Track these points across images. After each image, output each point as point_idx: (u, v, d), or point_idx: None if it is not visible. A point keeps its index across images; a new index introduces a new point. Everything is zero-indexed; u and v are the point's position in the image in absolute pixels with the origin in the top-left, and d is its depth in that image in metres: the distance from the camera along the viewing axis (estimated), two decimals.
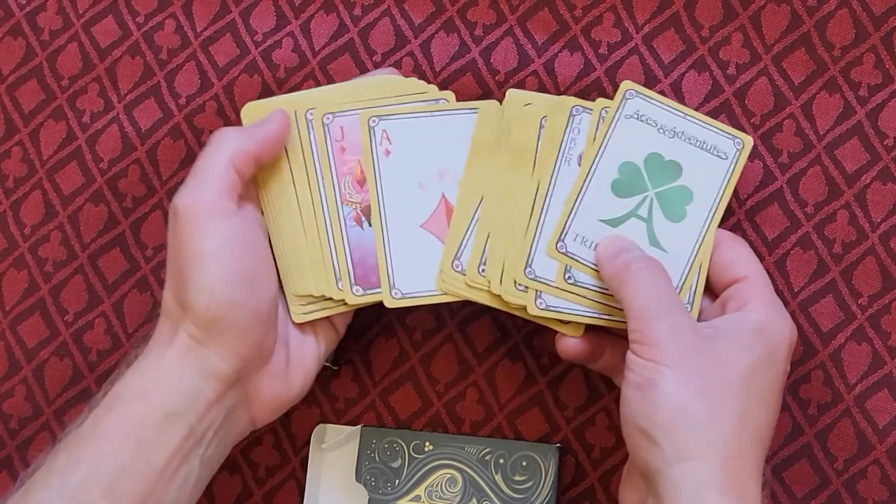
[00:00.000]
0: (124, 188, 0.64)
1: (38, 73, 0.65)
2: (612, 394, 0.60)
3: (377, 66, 0.64)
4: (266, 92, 0.63)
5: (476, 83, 0.63)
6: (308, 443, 0.61)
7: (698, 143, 0.57)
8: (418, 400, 0.61)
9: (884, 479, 0.59)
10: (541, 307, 0.55)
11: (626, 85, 0.57)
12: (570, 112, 0.57)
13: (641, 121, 0.57)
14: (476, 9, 0.64)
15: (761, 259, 0.60)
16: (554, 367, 0.61)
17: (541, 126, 0.57)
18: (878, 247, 0.61)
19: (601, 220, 0.56)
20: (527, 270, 0.55)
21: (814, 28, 0.62)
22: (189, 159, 0.63)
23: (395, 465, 0.58)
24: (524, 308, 0.55)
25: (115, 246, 0.63)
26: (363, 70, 0.63)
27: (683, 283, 0.56)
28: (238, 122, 0.63)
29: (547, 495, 0.58)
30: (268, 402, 0.55)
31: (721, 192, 0.57)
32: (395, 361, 0.62)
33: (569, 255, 0.55)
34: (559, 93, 0.63)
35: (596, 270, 0.55)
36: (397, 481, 0.58)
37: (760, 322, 0.53)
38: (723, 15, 0.63)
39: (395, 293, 0.55)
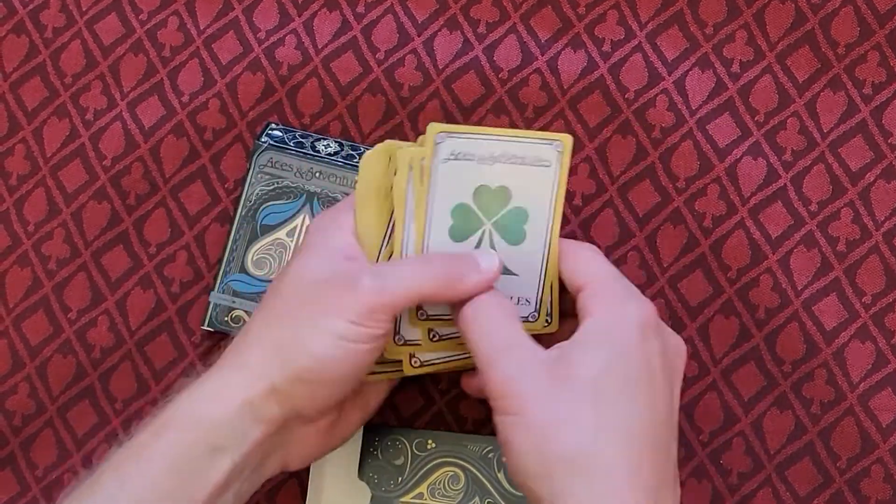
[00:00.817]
0: (127, 185, 0.64)
1: (42, 71, 0.65)
2: None
3: (380, 64, 0.63)
4: (269, 90, 0.63)
5: (479, 81, 0.63)
6: None
7: (518, 159, 0.54)
8: (421, 398, 0.61)
9: (887, 477, 0.59)
10: (415, 366, 0.54)
11: (433, 129, 0.53)
12: (435, 140, 0.53)
13: (459, 159, 0.53)
14: (479, 6, 0.64)
15: (765, 257, 0.61)
16: None
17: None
18: (882, 245, 0.60)
19: None
20: (396, 338, 0.54)
21: (818, 26, 0.62)
22: (192, 157, 0.63)
23: (398, 462, 0.58)
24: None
25: (119, 243, 0.63)
26: (366, 68, 0.63)
27: (540, 299, 0.55)
28: (240, 120, 0.63)
29: None
30: (304, 452, 0.54)
31: (553, 200, 0.55)
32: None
33: (430, 318, 0.54)
34: (562, 91, 0.63)
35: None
36: (400, 479, 0.58)
37: (598, 326, 0.50)
38: (727, 12, 0.63)
39: (415, 362, 0.55)
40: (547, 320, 0.55)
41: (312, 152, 0.61)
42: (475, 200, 0.54)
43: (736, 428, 0.60)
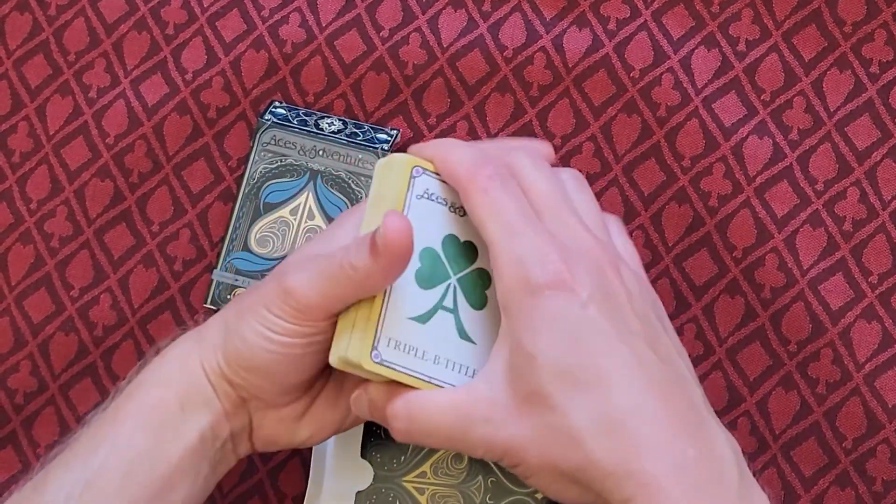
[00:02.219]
0: (130, 163, 0.63)
1: (45, 48, 0.65)
2: None
3: (384, 42, 0.63)
4: (272, 67, 0.63)
5: (484, 59, 0.63)
6: None
7: None
8: None
9: (893, 457, 0.59)
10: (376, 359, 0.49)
11: (410, 162, 0.50)
12: (412, 174, 0.50)
13: (432, 200, 0.50)
14: None
15: (770, 237, 0.60)
16: None
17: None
18: (889, 224, 0.60)
19: (410, 318, 0.49)
20: (373, 353, 0.49)
21: (825, 4, 0.62)
22: (195, 135, 0.63)
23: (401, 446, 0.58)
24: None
25: (122, 221, 0.63)
26: (370, 46, 0.63)
27: None
28: (243, 98, 0.63)
29: None
30: (266, 437, 0.53)
31: None
32: None
33: (385, 364, 0.48)
34: (567, 70, 0.62)
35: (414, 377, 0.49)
36: (403, 458, 0.58)
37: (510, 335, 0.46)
38: None
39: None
40: None
41: (316, 130, 0.61)
42: (443, 249, 0.50)
43: (741, 408, 0.60)
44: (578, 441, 0.44)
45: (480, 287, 0.51)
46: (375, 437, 0.58)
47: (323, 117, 0.62)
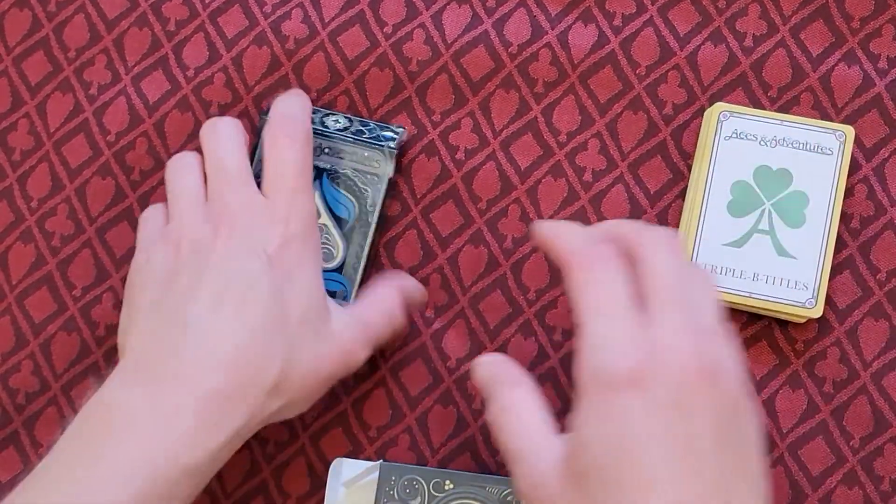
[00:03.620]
0: (132, 161, 0.63)
1: (45, 45, 0.64)
2: None
3: (388, 38, 0.63)
4: (275, 64, 0.63)
5: (489, 55, 0.62)
6: (320, 412, 0.60)
7: (801, 145, 0.58)
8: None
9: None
10: None
11: (717, 108, 0.58)
12: (719, 118, 0.58)
13: (741, 138, 0.58)
14: None
15: None
16: None
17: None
18: None
19: (725, 245, 0.57)
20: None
21: None
22: (197, 132, 0.62)
23: (415, 502, 0.57)
24: None
25: (123, 219, 0.63)
26: (374, 42, 0.63)
27: (819, 286, 0.57)
28: (245, 94, 0.62)
29: None
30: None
31: (835, 188, 0.57)
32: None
33: None
34: (573, 66, 0.62)
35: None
36: None
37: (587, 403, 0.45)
38: None
39: None
40: (811, 300, 0.57)
41: (321, 128, 0.60)
42: (755, 179, 0.57)
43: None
44: None
45: (797, 207, 0.57)
46: (389, 498, 0.57)
47: (328, 115, 0.61)
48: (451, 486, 0.57)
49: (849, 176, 0.60)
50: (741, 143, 0.58)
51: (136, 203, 0.63)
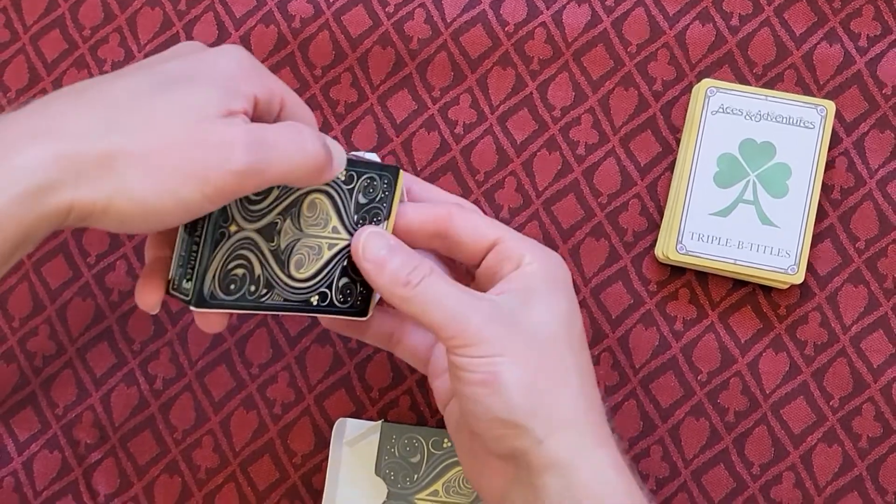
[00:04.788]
0: None
1: (61, 24, 0.67)
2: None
3: (389, 17, 0.65)
4: (281, 42, 0.65)
5: (486, 34, 0.65)
6: (325, 374, 0.63)
7: (784, 119, 0.60)
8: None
9: (878, 416, 0.61)
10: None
11: (705, 84, 0.61)
12: (706, 94, 0.61)
13: (728, 113, 0.61)
14: None
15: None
16: None
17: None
18: (876, 192, 0.62)
19: (711, 214, 0.60)
20: (678, 246, 0.60)
21: None
22: None
23: (415, 460, 0.59)
24: None
25: None
26: (376, 21, 0.65)
27: (801, 253, 0.59)
28: None
29: None
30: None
31: (816, 160, 0.60)
32: None
33: (690, 254, 0.60)
34: (567, 45, 0.65)
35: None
36: (416, 476, 0.59)
37: (542, 272, 0.51)
38: None
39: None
40: (794, 267, 0.60)
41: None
42: (740, 152, 0.60)
43: (733, 368, 0.62)
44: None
45: (780, 178, 0.60)
46: (390, 456, 0.59)
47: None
48: (449, 444, 0.59)
49: (830, 149, 0.63)
50: (727, 118, 0.61)
51: None
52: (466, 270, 0.56)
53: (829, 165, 0.62)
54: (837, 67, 0.63)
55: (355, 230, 0.52)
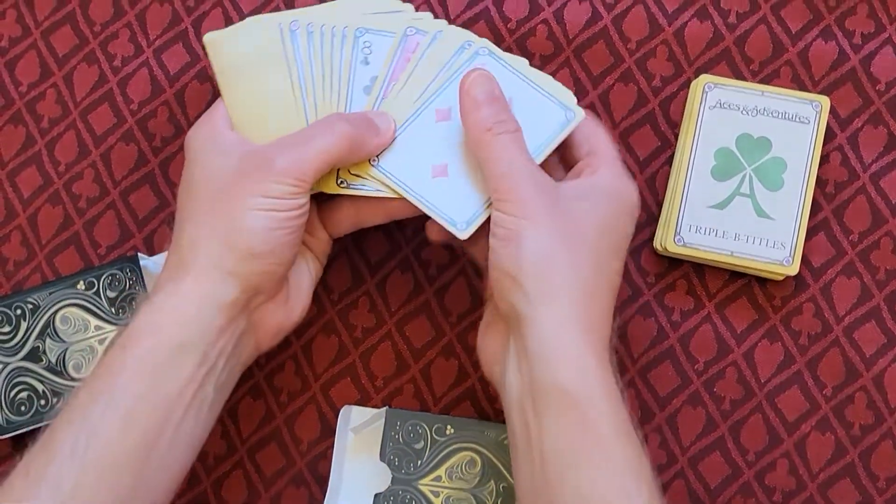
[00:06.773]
0: (153, 128, 0.66)
1: (72, 19, 0.68)
2: None
3: None
4: None
5: (489, 30, 0.66)
6: (330, 363, 0.64)
7: (780, 114, 0.62)
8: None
9: (870, 404, 0.62)
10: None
11: (703, 80, 0.62)
12: (704, 89, 0.62)
13: (725, 108, 0.62)
14: None
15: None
16: None
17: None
18: (869, 186, 0.64)
19: (709, 207, 0.61)
20: (676, 238, 0.61)
21: None
22: (215, 100, 0.66)
23: (418, 446, 0.60)
24: None
25: (146, 183, 0.66)
26: None
27: (795, 245, 0.61)
28: None
29: None
30: (271, 329, 0.57)
31: (811, 154, 0.61)
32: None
33: (688, 245, 0.61)
34: (568, 41, 0.66)
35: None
36: (419, 462, 0.60)
37: (609, 185, 0.55)
38: None
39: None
40: (789, 259, 0.61)
41: None
42: (737, 146, 0.61)
43: (729, 358, 0.63)
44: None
45: (776, 171, 0.61)
46: (394, 442, 0.60)
47: None
48: (452, 430, 0.60)
49: (824, 144, 0.64)
50: (724, 113, 0.62)
51: (158, 168, 0.66)
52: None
53: (824, 160, 0.64)
54: (832, 64, 0.65)
55: (118, 318, 0.61)
